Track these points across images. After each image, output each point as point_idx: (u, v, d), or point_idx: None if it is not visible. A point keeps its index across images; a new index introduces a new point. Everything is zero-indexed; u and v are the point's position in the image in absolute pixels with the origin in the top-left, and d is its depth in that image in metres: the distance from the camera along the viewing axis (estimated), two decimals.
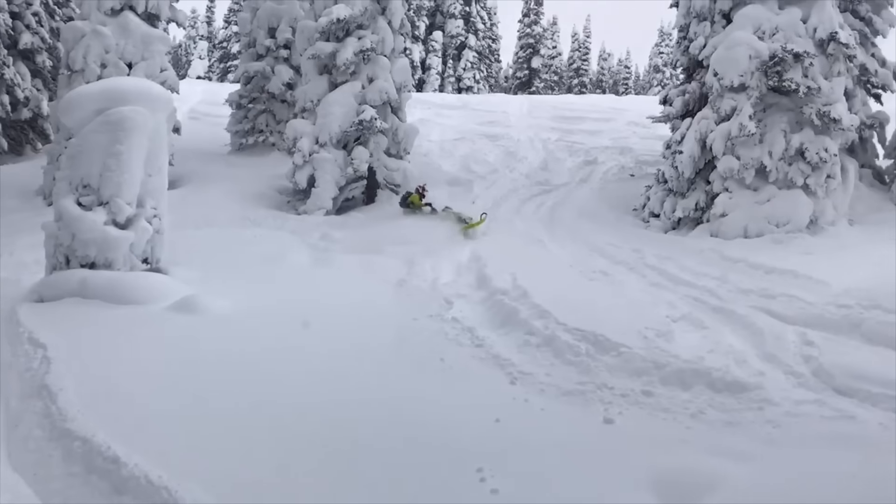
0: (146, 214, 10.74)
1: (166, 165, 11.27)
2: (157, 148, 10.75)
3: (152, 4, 19.32)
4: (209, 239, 14.84)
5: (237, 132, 23.16)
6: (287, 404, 6.80)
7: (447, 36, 50.19)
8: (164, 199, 11.26)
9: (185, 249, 13.67)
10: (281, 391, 7.11)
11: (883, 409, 7.11)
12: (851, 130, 16.40)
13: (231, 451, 5.88)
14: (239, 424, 6.33)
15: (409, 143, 19.33)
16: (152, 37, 19.19)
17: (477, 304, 10.96)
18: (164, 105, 11.05)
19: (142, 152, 10.44)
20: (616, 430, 6.72)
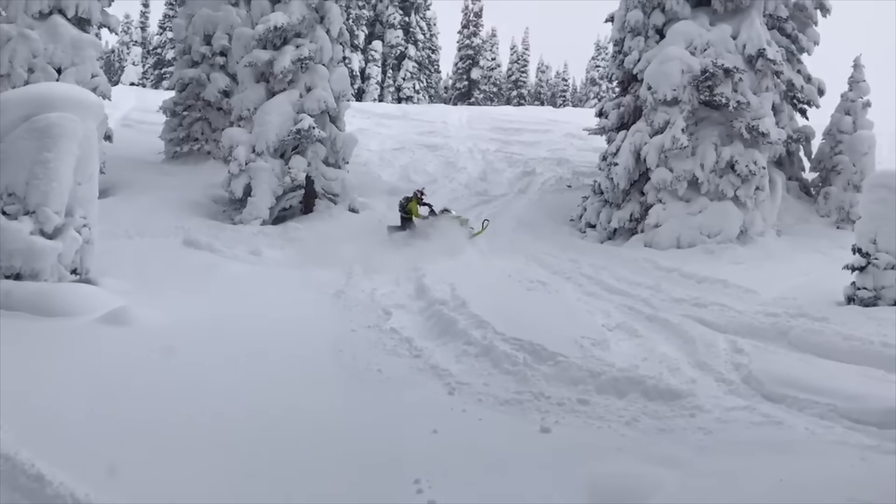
0: (75, 224, 10.41)
1: (97, 173, 10.96)
2: (87, 155, 10.45)
3: (83, 8, 18.81)
4: (141, 249, 14.49)
5: (171, 140, 22.69)
6: (219, 418, 6.64)
7: (387, 46, 50.22)
8: (95, 208, 10.94)
9: (117, 260, 13.31)
10: (213, 405, 6.95)
11: (809, 414, 7.32)
12: (779, 144, 16.98)
13: (160, 467, 5.72)
14: (169, 440, 6.16)
15: (348, 152, 19.23)
16: (83, 42, 18.67)
17: (415, 315, 10.93)
18: (95, 112, 10.75)
19: (71, 160, 10.13)
20: (553, 438, 6.76)
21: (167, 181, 19.79)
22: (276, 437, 6.36)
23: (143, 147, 23.17)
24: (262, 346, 8.79)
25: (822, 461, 6.05)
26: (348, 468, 5.93)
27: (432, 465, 5.98)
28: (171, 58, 48.80)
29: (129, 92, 34.83)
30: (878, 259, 11.11)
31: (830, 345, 9.22)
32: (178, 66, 23.62)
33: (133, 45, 60.28)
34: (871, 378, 8.10)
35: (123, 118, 27.83)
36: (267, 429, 6.52)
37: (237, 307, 10.54)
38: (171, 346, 8.54)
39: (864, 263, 11.24)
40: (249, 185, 17.48)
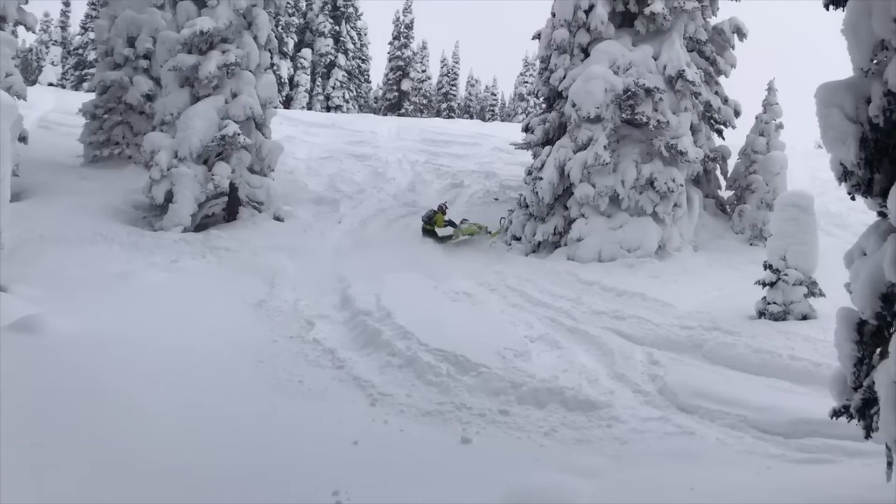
0: None
1: (8, 176, 10.54)
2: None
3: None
4: (57, 254, 13.98)
5: (91, 143, 21.94)
6: (134, 430, 6.47)
7: (316, 54, 49.84)
8: (6, 211, 10.53)
9: (29, 266, 12.83)
10: (129, 416, 6.76)
11: (720, 425, 7.59)
12: (697, 163, 17.51)
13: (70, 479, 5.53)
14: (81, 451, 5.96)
15: (274, 160, 18.97)
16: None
17: (339, 325, 10.87)
18: (7, 112, 10.36)
19: None
20: (473, 449, 6.83)
21: (86, 185, 19.15)
22: (194, 449, 6.24)
23: (61, 150, 22.36)
24: (181, 357, 8.60)
25: (731, 470, 6.28)
26: (268, 479, 5.86)
27: (352, 476, 5.96)
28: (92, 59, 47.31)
29: (47, 93, 33.56)
30: (788, 275, 11.56)
31: (742, 357, 9.57)
32: (99, 67, 22.90)
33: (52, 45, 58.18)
34: (779, 390, 8.44)
35: (41, 119, 26.80)
36: (185, 441, 6.38)
37: (155, 316, 10.27)
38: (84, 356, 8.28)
39: (775, 279, 11.69)
40: (171, 191, 17.06)
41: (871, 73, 4.59)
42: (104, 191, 18.86)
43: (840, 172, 4.72)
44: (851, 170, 4.63)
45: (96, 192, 18.58)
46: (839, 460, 6.44)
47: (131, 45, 22.06)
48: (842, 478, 5.96)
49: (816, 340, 10.04)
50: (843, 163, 4.66)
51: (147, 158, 17.64)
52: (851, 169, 4.63)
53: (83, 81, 49.94)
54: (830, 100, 4.70)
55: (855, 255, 4.94)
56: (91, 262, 13.59)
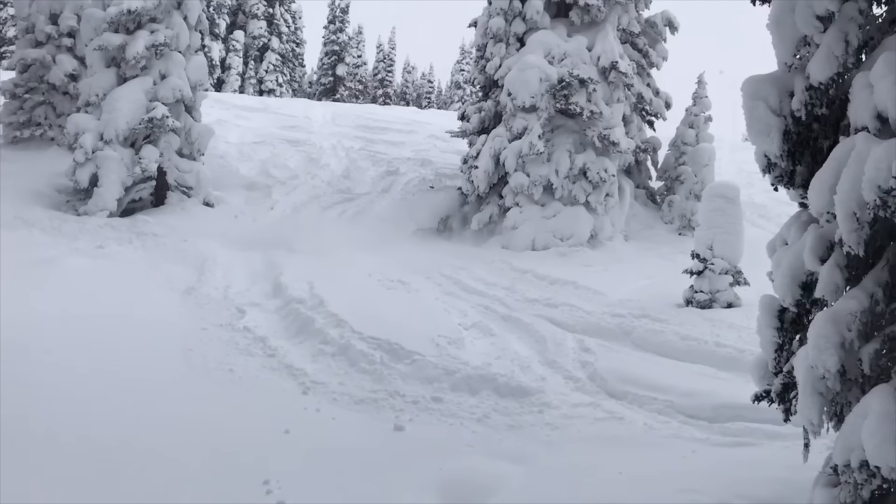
0: None
1: None
2: None
3: None
4: None
5: (11, 124, 21.05)
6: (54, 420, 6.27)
7: (249, 36, 48.86)
8: None
9: None
10: (49, 406, 6.55)
11: (648, 410, 7.77)
12: (628, 153, 17.85)
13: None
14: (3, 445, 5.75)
15: (204, 143, 18.54)
16: None
17: (271, 313, 10.72)
18: None
19: None
20: (406, 436, 6.83)
21: (5, 168, 18.38)
22: (118, 439, 6.08)
23: None
24: (105, 346, 8.37)
25: (658, 454, 6.43)
26: (197, 469, 5.75)
27: (283, 466, 5.90)
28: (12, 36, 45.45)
29: None
30: (714, 264, 11.88)
31: (670, 344, 9.80)
32: (19, 45, 21.98)
33: None
34: (705, 375, 8.68)
35: None
36: (108, 430, 6.21)
37: (79, 305, 9.94)
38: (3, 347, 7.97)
39: (702, 268, 11.99)
40: (96, 174, 16.51)
41: (795, 67, 4.72)
42: (25, 173, 18.14)
43: (764, 164, 4.85)
44: (775, 161, 4.76)
45: (16, 175, 17.85)
46: (760, 443, 6.66)
47: (54, 22, 21.22)
48: (763, 459, 6.16)
49: (741, 328, 10.34)
50: (766, 154, 4.78)
51: (71, 140, 17.04)
52: (775, 161, 4.76)
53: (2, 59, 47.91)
54: (756, 93, 4.82)
55: (777, 245, 5.09)
56: (11, 248, 13.05)
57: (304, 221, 18.24)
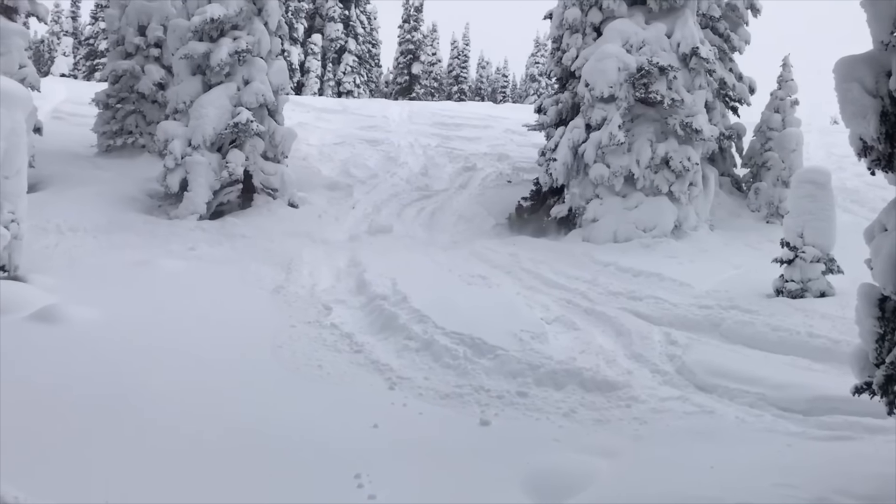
0: (3, 219, 10.11)
1: (25, 167, 10.64)
2: (14, 149, 10.14)
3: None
4: (74, 244, 14.11)
5: (105, 133, 22.05)
6: (154, 417, 6.54)
7: (326, 39, 49.71)
8: (24, 202, 10.63)
9: (48, 256, 12.96)
10: (149, 404, 6.83)
11: (739, 403, 7.57)
12: (712, 141, 17.39)
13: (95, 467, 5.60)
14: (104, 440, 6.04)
15: (287, 146, 19.00)
16: (9, 31, 18.00)
17: (356, 310, 10.90)
18: (23, 103, 10.44)
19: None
20: (492, 431, 6.85)
21: (100, 175, 19.27)
22: (215, 436, 6.29)
23: (74, 140, 22.49)
24: (200, 344, 8.68)
25: (751, 448, 6.26)
26: (289, 464, 5.91)
27: (373, 460, 6.00)
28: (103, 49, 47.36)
29: (59, 83, 33.64)
30: (805, 252, 11.48)
31: (760, 336, 9.52)
32: (111, 57, 22.99)
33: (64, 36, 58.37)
34: (797, 367, 8.40)
35: (54, 110, 26.93)
36: (205, 427, 6.44)
37: (173, 304, 10.35)
38: (104, 344, 8.37)
39: (792, 257, 11.60)
40: (185, 179, 17.14)
41: (892, 45, 4.52)
42: (119, 180, 18.97)
43: (860, 147, 4.67)
44: (871, 144, 4.58)
45: (111, 182, 18.70)
46: (860, 437, 6.41)
47: (142, 33, 22.11)
48: (864, 454, 5.93)
49: (835, 317, 9.98)
50: (862, 137, 4.61)
51: (161, 147, 17.72)
52: (871, 144, 4.58)
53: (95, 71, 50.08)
54: (849, 74, 4.64)
55: (875, 231, 4.90)
56: (108, 251, 13.70)
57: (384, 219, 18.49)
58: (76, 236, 14.59)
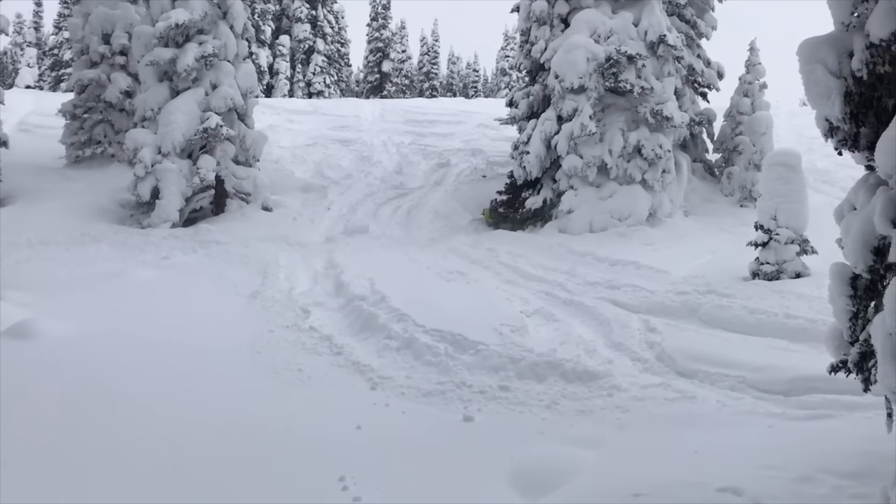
0: None
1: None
2: None
3: None
4: (46, 258, 13.90)
5: (73, 144, 21.74)
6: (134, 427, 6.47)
7: (294, 40, 49.35)
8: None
9: (19, 271, 12.76)
10: (128, 414, 6.76)
11: (720, 387, 7.63)
12: (683, 127, 17.50)
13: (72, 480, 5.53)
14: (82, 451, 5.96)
15: (258, 149, 18.85)
16: None
17: (335, 312, 10.85)
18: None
19: None
20: (475, 426, 6.85)
21: (70, 186, 19.01)
22: (196, 442, 6.24)
23: (42, 152, 22.16)
24: (177, 353, 8.59)
25: (733, 431, 6.31)
26: (273, 468, 5.86)
27: (357, 461, 5.98)
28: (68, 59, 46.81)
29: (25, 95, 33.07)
30: (779, 235, 11.57)
31: (738, 319, 9.60)
32: (76, 67, 22.68)
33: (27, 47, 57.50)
34: (776, 349, 8.47)
35: (20, 123, 26.50)
36: (186, 434, 6.38)
37: (148, 314, 10.23)
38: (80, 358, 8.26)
39: (766, 239, 11.70)
40: (157, 187, 16.95)
41: (853, 26, 4.55)
42: (89, 191, 18.73)
43: (826, 128, 4.70)
44: (837, 125, 4.61)
45: (81, 193, 18.46)
46: (839, 415, 6.48)
47: (106, 41, 21.82)
48: (843, 431, 6.00)
49: (811, 297, 10.07)
50: (828, 118, 4.63)
51: (130, 156, 17.52)
52: (837, 124, 4.60)
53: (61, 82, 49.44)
54: (813, 55, 4.66)
55: (845, 210, 4.93)
56: (81, 264, 13.51)
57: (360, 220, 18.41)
58: (48, 249, 14.38)
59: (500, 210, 18.43)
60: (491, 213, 18.44)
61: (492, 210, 18.48)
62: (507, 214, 18.24)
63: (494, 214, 18.37)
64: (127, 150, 17.67)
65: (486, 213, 18.56)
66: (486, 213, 18.54)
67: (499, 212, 18.37)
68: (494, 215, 18.35)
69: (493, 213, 18.41)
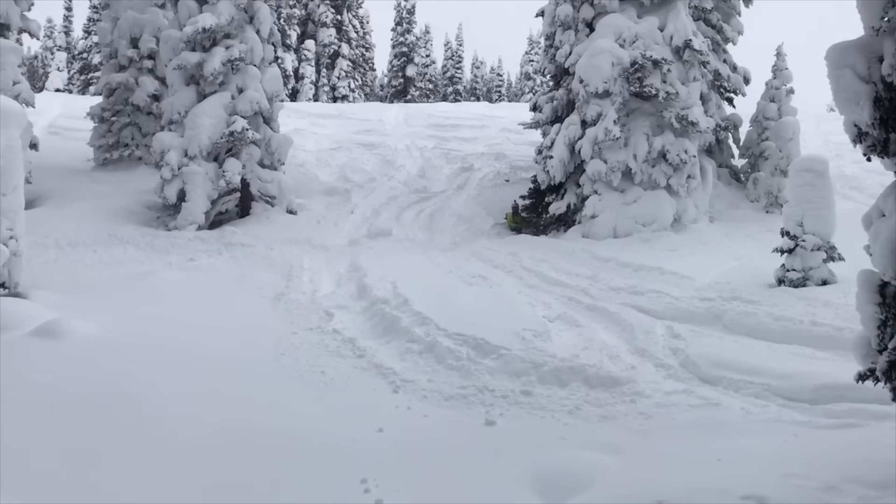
0: (2, 236, 10.12)
1: (22, 183, 10.64)
2: (10, 165, 10.15)
3: (1, 13, 18.16)
4: (73, 259, 14.10)
5: (101, 147, 22.06)
6: (159, 427, 6.53)
7: (320, 45, 49.70)
8: (21, 219, 10.63)
9: (47, 271, 12.96)
10: (153, 415, 6.82)
11: (744, 394, 7.55)
12: (708, 132, 17.38)
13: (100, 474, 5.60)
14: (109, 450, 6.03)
15: (284, 153, 19.01)
16: (2, 47, 18.04)
17: (358, 315, 10.88)
18: (17, 119, 10.44)
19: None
20: (497, 431, 6.83)
21: (98, 189, 19.28)
22: (220, 443, 6.28)
23: (71, 155, 22.50)
24: (202, 354, 8.66)
25: (757, 439, 6.24)
26: (295, 470, 5.89)
27: (379, 464, 5.98)
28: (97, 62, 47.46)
29: (54, 98, 33.64)
30: (806, 241, 11.47)
31: (763, 326, 9.51)
32: (104, 70, 23.02)
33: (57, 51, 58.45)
34: (801, 356, 8.39)
35: (50, 125, 26.92)
36: (210, 435, 6.43)
37: (174, 316, 10.33)
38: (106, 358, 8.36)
39: (793, 246, 11.59)
40: (183, 189, 17.14)
41: (883, 31, 4.51)
42: (116, 193, 18.98)
43: (854, 134, 4.66)
44: (866, 130, 4.57)
45: (108, 195, 18.70)
46: (866, 424, 6.39)
47: (135, 45, 22.11)
48: (870, 440, 5.91)
49: (837, 305, 9.96)
50: (857, 124, 4.59)
51: (157, 158, 17.72)
52: (866, 130, 4.56)
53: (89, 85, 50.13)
54: (841, 61, 4.63)
55: (873, 217, 4.88)
56: (108, 265, 13.69)
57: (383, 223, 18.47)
58: (76, 251, 14.58)
59: (524, 214, 18.41)
60: (514, 218, 18.42)
61: (514, 214, 18.46)
62: (530, 219, 18.21)
63: (517, 219, 18.36)
64: (154, 152, 17.88)
65: (509, 217, 18.54)
66: (509, 218, 18.52)
67: (522, 216, 18.35)
68: (517, 219, 18.34)
69: (515, 218, 18.40)
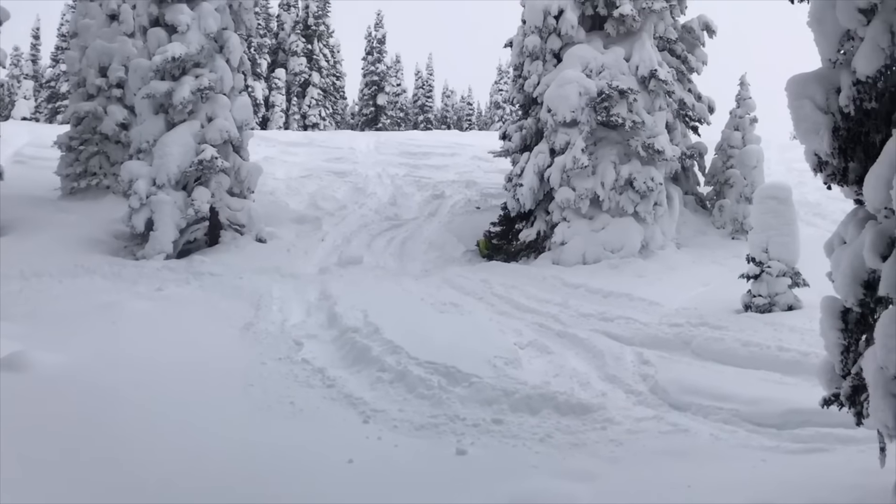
0: None
1: None
2: None
3: None
4: (39, 290, 13.85)
5: (68, 175, 21.80)
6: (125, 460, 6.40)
7: (290, 73, 49.77)
8: None
9: (12, 302, 12.70)
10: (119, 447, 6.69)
11: (714, 420, 7.61)
12: (674, 160, 17.65)
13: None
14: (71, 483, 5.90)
15: (253, 181, 18.94)
16: None
17: (328, 344, 10.80)
18: None
19: None
20: (468, 460, 6.80)
21: (65, 218, 19.01)
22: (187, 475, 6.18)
23: (37, 184, 22.17)
24: (169, 385, 8.52)
25: (726, 465, 6.29)
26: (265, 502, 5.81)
27: (349, 496, 5.93)
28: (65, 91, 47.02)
29: (21, 127, 33.15)
30: (771, 267, 11.63)
31: (731, 351, 9.60)
32: (72, 99, 22.84)
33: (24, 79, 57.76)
34: (769, 381, 8.48)
35: (16, 154, 26.54)
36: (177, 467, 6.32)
37: (140, 346, 10.17)
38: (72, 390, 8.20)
39: (758, 272, 11.75)
40: (151, 218, 16.97)
41: (839, 63, 4.64)
42: (83, 222, 18.73)
43: (815, 163, 4.77)
44: (826, 160, 4.68)
45: (75, 225, 18.46)
46: (833, 448, 6.47)
47: (103, 74, 21.98)
48: (837, 465, 5.98)
49: (803, 330, 10.09)
50: (817, 153, 4.70)
51: (125, 187, 17.56)
52: (826, 159, 4.67)
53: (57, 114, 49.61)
54: (801, 92, 4.74)
55: (835, 244, 4.98)
56: (74, 295, 13.45)
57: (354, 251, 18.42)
58: (41, 281, 14.33)
59: (494, 241, 18.48)
60: (485, 245, 18.49)
61: (486, 241, 18.54)
62: (500, 246, 18.28)
63: (488, 246, 18.43)
64: (122, 181, 17.72)
65: (481, 244, 18.60)
66: (481, 245, 18.59)
67: (493, 243, 18.43)
68: (488, 246, 18.41)
69: (486, 245, 18.47)
